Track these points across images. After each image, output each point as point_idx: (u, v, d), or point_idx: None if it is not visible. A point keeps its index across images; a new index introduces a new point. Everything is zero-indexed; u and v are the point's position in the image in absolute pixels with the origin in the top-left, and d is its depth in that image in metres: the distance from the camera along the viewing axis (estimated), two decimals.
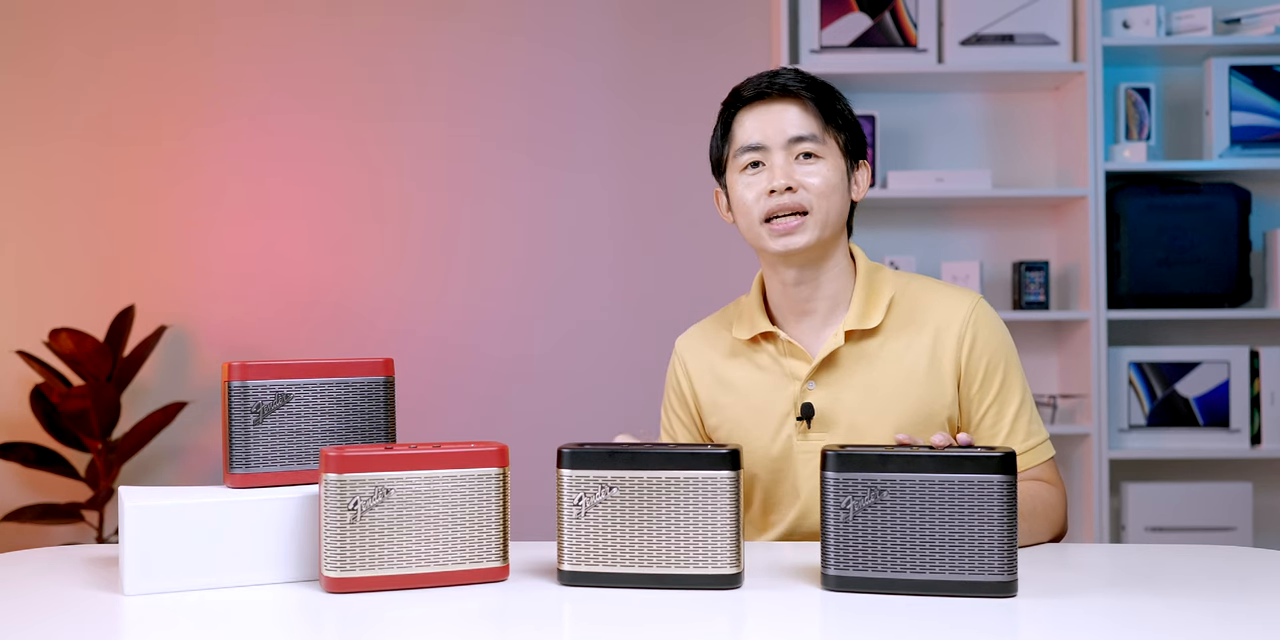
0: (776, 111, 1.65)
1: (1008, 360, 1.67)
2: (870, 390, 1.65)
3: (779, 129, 1.64)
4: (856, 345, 1.67)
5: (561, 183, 3.41)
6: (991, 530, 1.25)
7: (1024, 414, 1.67)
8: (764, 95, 1.66)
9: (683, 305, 3.31)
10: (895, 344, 1.66)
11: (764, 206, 1.63)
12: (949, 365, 1.65)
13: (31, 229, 3.44)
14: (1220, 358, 3.11)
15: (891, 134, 3.29)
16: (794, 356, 1.68)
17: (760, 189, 1.64)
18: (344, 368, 1.47)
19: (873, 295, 1.69)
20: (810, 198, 1.62)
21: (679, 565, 1.31)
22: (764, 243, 1.65)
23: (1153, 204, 3.10)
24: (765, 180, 1.64)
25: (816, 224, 1.63)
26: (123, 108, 3.43)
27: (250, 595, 1.32)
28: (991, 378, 1.65)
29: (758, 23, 3.37)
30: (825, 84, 1.69)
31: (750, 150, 1.65)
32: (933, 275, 3.15)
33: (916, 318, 1.67)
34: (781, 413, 1.68)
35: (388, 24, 3.43)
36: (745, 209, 1.66)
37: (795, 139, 1.64)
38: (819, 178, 1.63)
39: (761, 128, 1.65)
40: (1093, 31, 3.06)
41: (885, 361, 1.66)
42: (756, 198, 1.64)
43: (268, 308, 3.41)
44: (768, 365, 1.71)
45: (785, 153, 1.64)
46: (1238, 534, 3.06)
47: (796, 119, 1.64)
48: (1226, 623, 1.18)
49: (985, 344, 1.66)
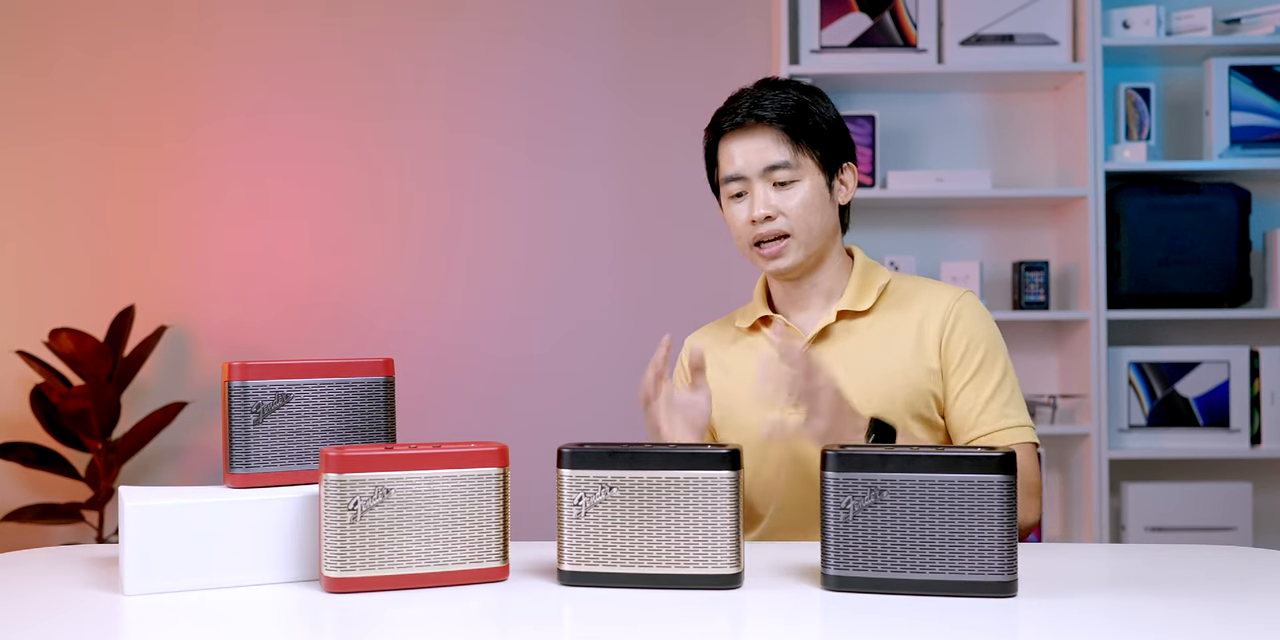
0: (751, 141, 1.74)
1: (989, 345, 1.73)
2: (858, 364, 1.73)
3: (755, 159, 1.73)
4: (848, 323, 1.77)
5: (561, 183, 3.41)
6: (991, 530, 1.25)
7: (1000, 395, 1.71)
8: (739, 125, 1.74)
9: (683, 305, 3.32)
10: (884, 324, 1.76)
11: (750, 233, 1.75)
12: (932, 346, 1.73)
13: (32, 229, 3.44)
14: (1220, 358, 3.11)
15: (891, 134, 3.29)
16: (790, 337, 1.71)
17: (745, 217, 1.75)
18: (344, 368, 1.47)
19: (866, 283, 1.79)
20: (790, 222, 1.73)
21: (679, 565, 1.31)
22: (756, 263, 1.78)
23: (1153, 204, 3.10)
24: (748, 209, 1.75)
25: (800, 245, 1.74)
26: (123, 108, 3.43)
27: (250, 595, 1.32)
28: (970, 357, 1.71)
29: (758, 23, 3.36)
30: (800, 101, 1.74)
31: (733, 180, 1.76)
32: (932, 275, 3.16)
33: (906, 303, 1.77)
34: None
35: (388, 24, 3.43)
36: (736, 233, 1.78)
37: (770, 168, 1.73)
38: (796, 201, 1.73)
39: (740, 157, 1.75)
40: (1093, 31, 3.06)
41: (873, 338, 1.75)
42: (743, 225, 1.75)
43: (268, 308, 3.41)
44: (764, 346, 1.79)
45: (764, 181, 1.73)
46: (1238, 534, 3.06)
47: (770, 148, 1.73)
48: (1226, 623, 1.18)
49: (967, 327, 1.73)
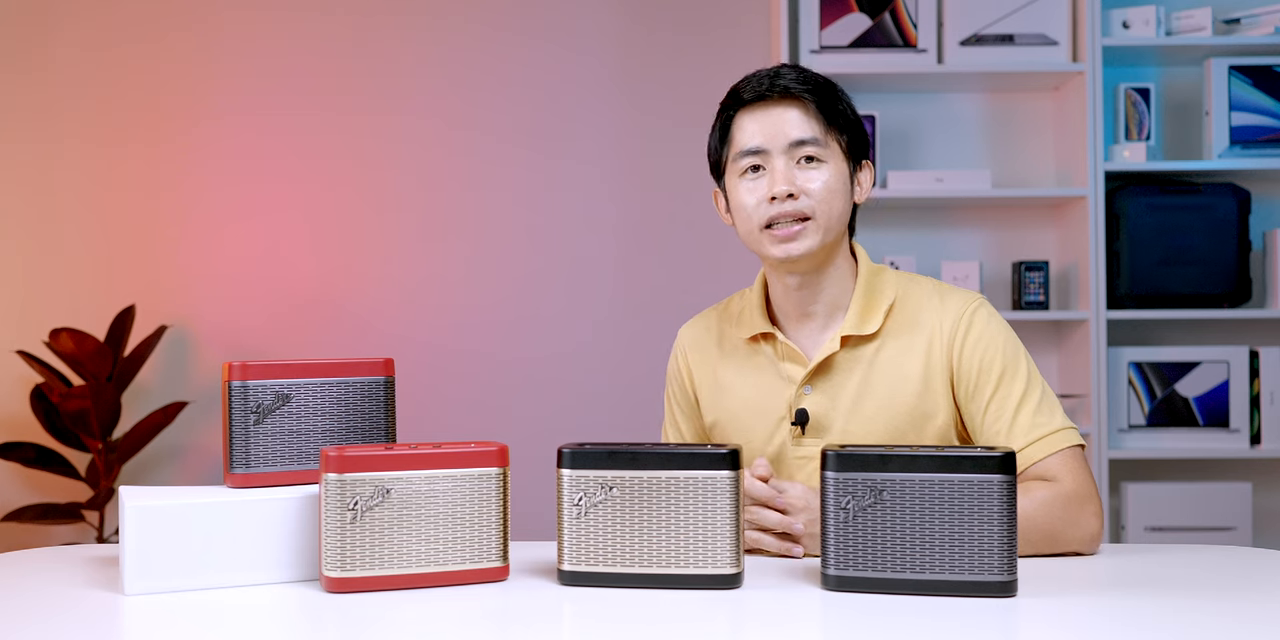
0: (777, 114, 1.61)
1: (1005, 355, 1.61)
2: (864, 396, 1.63)
3: (780, 132, 1.60)
4: (853, 350, 1.64)
5: (562, 182, 3.41)
6: (991, 530, 1.25)
7: (1028, 405, 1.59)
8: (764, 97, 1.61)
9: (683, 305, 3.30)
10: (891, 350, 1.64)
11: (765, 213, 1.60)
12: (941, 370, 1.62)
13: (32, 229, 3.44)
14: (1220, 358, 3.11)
15: (891, 134, 3.29)
16: (791, 360, 1.67)
17: (761, 195, 1.61)
18: (344, 368, 1.47)
19: (872, 299, 1.66)
20: (812, 203, 1.59)
21: (679, 565, 1.31)
22: (764, 249, 1.62)
23: (1152, 204, 3.10)
24: (766, 186, 1.60)
25: (818, 230, 1.60)
26: (123, 107, 3.43)
27: (250, 595, 1.32)
28: (987, 375, 1.60)
29: (758, 22, 3.37)
30: (827, 82, 1.65)
31: (750, 154, 1.62)
32: (933, 275, 3.15)
33: (913, 325, 1.64)
34: (777, 416, 1.67)
35: (387, 22, 3.43)
36: (746, 214, 1.63)
37: (797, 143, 1.60)
38: (821, 182, 1.60)
39: (762, 131, 1.61)
40: (1092, 31, 3.06)
41: (880, 367, 1.63)
42: (757, 203, 1.61)
43: (268, 308, 3.41)
44: (765, 367, 1.69)
45: (786, 157, 1.60)
46: (1237, 534, 3.06)
47: (798, 121, 1.60)
48: (1226, 623, 1.18)
49: (975, 346, 1.61)
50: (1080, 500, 1.52)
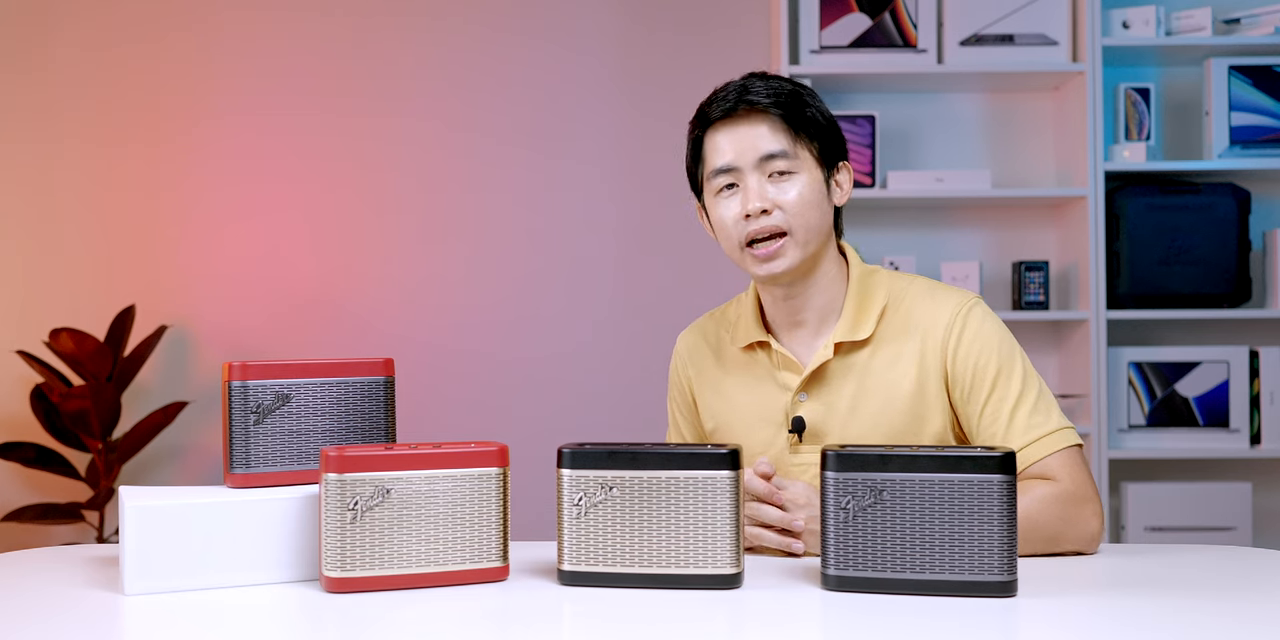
0: (745, 130, 1.61)
1: (1000, 356, 1.60)
2: (860, 402, 1.62)
3: (749, 146, 1.60)
4: (846, 357, 1.64)
5: (562, 182, 3.41)
6: (991, 530, 1.25)
7: (1024, 405, 1.58)
8: (730, 113, 1.61)
9: (683, 305, 3.30)
10: (884, 355, 1.63)
11: (742, 230, 1.60)
12: (936, 373, 1.61)
13: (32, 229, 3.44)
14: (1220, 358, 3.11)
15: (891, 134, 3.29)
16: (786, 368, 1.67)
17: (737, 212, 1.61)
18: (344, 368, 1.47)
19: (864, 304, 1.65)
20: (787, 217, 1.59)
21: (679, 565, 1.31)
22: (748, 267, 1.63)
23: (1152, 204, 3.10)
24: (740, 203, 1.61)
25: (797, 245, 1.60)
26: (123, 107, 3.43)
27: (250, 595, 1.32)
28: (981, 377, 1.59)
29: (758, 22, 3.37)
30: (795, 90, 1.63)
31: (723, 172, 1.62)
32: (932, 275, 3.15)
33: (906, 328, 1.63)
34: (774, 424, 1.67)
35: (387, 22, 3.43)
36: (726, 233, 1.63)
37: (766, 157, 1.60)
38: (795, 195, 1.59)
39: (732, 148, 1.61)
40: (1092, 31, 3.06)
41: (874, 373, 1.62)
42: (735, 221, 1.61)
43: (268, 308, 3.41)
44: (761, 375, 1.69)
45: (758, 173, 1.60)
46: (1237, 534, 3.06)
47: (766, 136, 1.60)
48: (1226, 623, 1.18)
49: (969, 347, 1.60)
50: (1080, 500, 1.52)
